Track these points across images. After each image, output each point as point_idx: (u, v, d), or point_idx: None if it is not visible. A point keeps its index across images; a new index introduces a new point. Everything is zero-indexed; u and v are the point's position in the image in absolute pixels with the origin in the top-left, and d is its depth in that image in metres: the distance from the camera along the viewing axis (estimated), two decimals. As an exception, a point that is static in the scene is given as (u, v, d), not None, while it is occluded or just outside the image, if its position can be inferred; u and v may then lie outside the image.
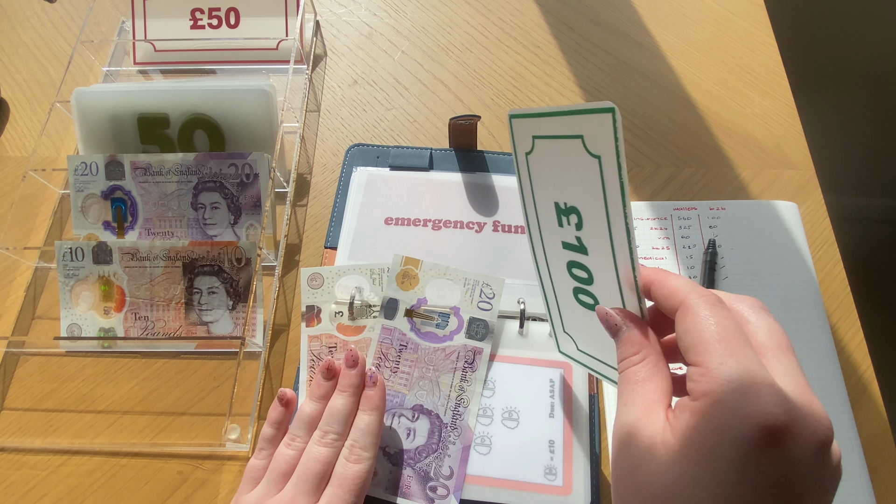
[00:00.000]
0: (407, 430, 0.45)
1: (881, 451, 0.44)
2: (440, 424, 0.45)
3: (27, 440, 0.47)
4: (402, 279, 0.49)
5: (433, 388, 0.46)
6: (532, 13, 0.68)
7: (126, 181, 0.53)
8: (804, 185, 0.56)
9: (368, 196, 0.56)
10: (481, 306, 0.48)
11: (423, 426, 0.45)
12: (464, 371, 0.47)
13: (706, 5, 0.68)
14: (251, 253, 0.50)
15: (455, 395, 0.46)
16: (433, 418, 0.45)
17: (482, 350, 0.47)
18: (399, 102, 0.63)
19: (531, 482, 0.43)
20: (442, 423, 0.45)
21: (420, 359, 0.47)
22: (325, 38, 0.68)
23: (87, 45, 0.64)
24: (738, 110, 0.60)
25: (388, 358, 0.47)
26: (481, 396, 0.46)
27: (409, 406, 0.46)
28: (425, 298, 0.49)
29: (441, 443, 0.44)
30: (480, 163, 0.57)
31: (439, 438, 0.44)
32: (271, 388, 0.49)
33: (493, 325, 0.48)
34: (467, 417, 0.45)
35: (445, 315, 0.48)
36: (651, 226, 0.54)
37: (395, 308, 0.49)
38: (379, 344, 0.48)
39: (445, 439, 0.44)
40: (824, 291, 0.50)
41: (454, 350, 0.47)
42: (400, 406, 0.46)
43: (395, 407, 0.46)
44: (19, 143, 0.62)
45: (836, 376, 0.46)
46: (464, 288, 0.49)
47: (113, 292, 0.51)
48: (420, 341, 0.48)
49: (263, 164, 0.52)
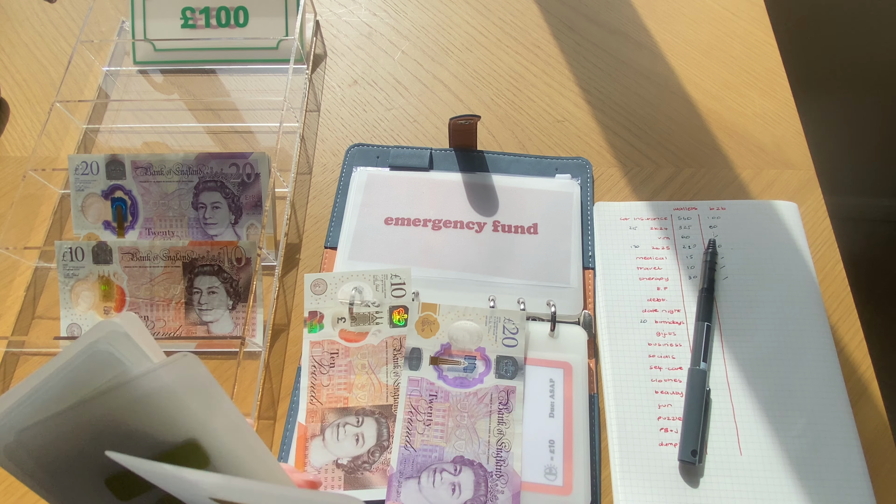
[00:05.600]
0: (451, 485, 0.42)
1: (881, 451, 0.44)
2: (485, 474, 0.43)
3: (27, 440, 0.47)
4: (421, 326, 0.48)
5: (471, 436, 0.44)
6: (532, 13, 0.68)
7: (127, 180, 0.53)
8: (804, 185, 0.56)
9: (368, 196, 0.56)
10: (506, 343, 0.47)
11: (467, 479, 0.42)
12: (500, 413, 0.45)
13: (706, 5, 0.68)
14: (251, 253, 0.50)
15: (495, 440, 0.44)
16: (476, 468, 0.43)
17: (515, 389, 0.45)
18: (399, 102, 0.63)
19: (531, 482, 0.43)
20: (486, 473, 0.43)
21: (453, 407, 0.45)
22: (325, 38, 0.68)
23: (87, 45, 0.64)
24: (738, 110, 0.60)
25: (419, 410, 0.45)
26: (522, 437, 0.44)
27: (449, 459, 0.43)
28: (449, 344, 0.47)
29: (489, 493, 0.42)
30: (480, 163, 0.57)
31: (486, 490, 0.42)
32: (271, 387, 0.49)
33: (522, 361, 0.46)
34: (511, 462, 0.43)
35: (472, 358, 0.47)
36: (651, 226, 0.54)
37: (419, 358, 0.47)
38: (408, 397, 0.46)
39: (493, 489, 0.42)
40: (824, 291, 0.50)
41: (486, 392, 0.45)
42: (440, 460, 0.43)
43: (435, 462, 0.43)
44: (19, 143, 0.62)
45: (836, 376, 0.46)
46: (486, 326, 0.47)
47: (113, 292, 0.51)
48: (450, 388, 0.46)
49: (264, 163, 0.52)
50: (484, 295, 0.50)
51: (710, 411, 0.46)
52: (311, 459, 0.45)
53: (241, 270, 0.50)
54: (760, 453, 0.44)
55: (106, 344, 0.26)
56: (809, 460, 0.43)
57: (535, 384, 0.46)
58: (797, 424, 0.44)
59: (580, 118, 0.61)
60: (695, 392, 0.45)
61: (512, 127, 0.61)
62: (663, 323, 0.49)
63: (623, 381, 0.47)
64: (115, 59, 0.67)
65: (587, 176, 0.56)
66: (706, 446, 0.44)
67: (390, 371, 0.47)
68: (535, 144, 0.59)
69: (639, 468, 0.44)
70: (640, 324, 0.49)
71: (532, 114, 0.61)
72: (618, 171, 0.58)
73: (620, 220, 0.54)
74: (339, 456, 0.45)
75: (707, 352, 0.47)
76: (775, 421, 0.45)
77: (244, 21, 0.64)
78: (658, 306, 0.50)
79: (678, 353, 0.48)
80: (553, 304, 0.49)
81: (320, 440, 0.45)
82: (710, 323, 0.48)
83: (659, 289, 0.51)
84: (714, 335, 0.48)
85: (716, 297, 0.50)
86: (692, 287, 0.51)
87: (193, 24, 0.64)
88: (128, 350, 0.27)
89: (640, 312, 0.50)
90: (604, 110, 0.61)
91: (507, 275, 0.51)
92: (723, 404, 0.46)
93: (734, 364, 0.47)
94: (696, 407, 0.45)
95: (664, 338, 0.49)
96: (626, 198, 0.56)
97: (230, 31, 0.64)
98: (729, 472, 0.43)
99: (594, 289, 0.51)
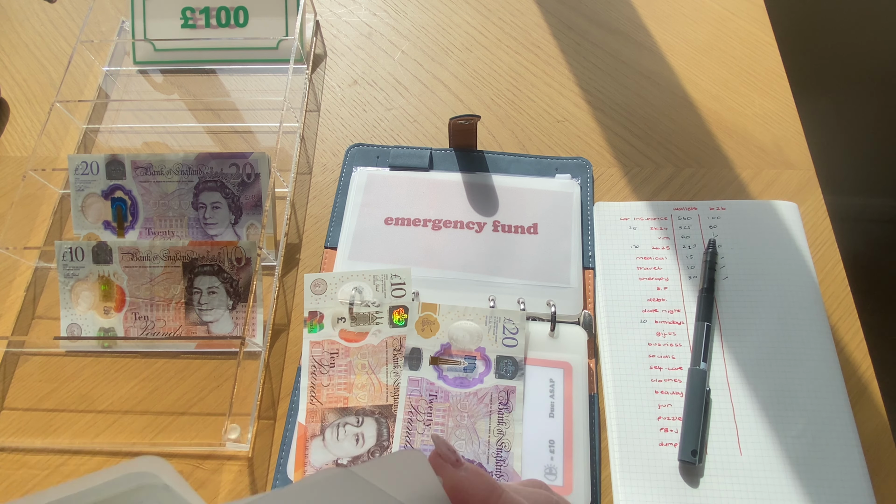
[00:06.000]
0: None
1: (881, 451, 0.44)
2: None
3: (27, 440, 0.47)
4: (421, 326, 0.48)
5: (471, 436, 0.44)
6: (532, 13, 0.68)
7: (127, 180, 0.53)
8: (804, 185, 0.56)
9: (368, 196, 0.56)
10: (506, 343, 0.47)
11: None
12: (500, 413, 0.45)
13: (706, 5, 0.68)
14: (251, 253, 0.50)
15: (495, 440, 0.44)
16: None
17: (515, 388, 0.46)
18: (399, 102, 0.63)
19: (531, 482, 0.43)
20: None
21: (453, 407, 0.45)
22: (325, 38, 0.68)
23: (87, 45, 0.64)
24: (738, 110, 0.60)
25: (419, 410, 0.45)
26: (522, 437, 0.44)
27: None
28: (449, 344, 0.47)
29: None
30: (480, 163, 0.57)
31: None
32: (271, 387, 0.49)
33: (522, 361, 0.47)
34: (511, 462, 0.43)
35: (472, 358, 0.47)
36: (651, 226, 0.54)
37: (419, 358, 0.47)
38: (408, 397, 0.46)
39: None
40: (824, 291, 0.50)
41: (486, 392, 0.46)
42: None
43: None
44: (19, 143, 0.62)
45: (836, 376, 0.46)
46: (486, 326, 0.47)
47: (113, 292, 0.51)
48: (450, 388, 0.46)
49: (264, 163, 0.52)
50: (484, 295, 0.50)
51: (710, 411, 0.46)
52: (311, 459, 0.45)
53: (241, 270, 0.50)
54: (760, 453, 0.44)
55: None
56: (809, 460, 0.43)
57: (535, 384, 0.46)
58: (797, 424, 0.44)
59: (580, 118, 0.61)
60: (695, 392, 0.45)
61: (512, 127, 0.61)
62: (663, 323, 0.49)
63: (623, 381, 0.47)
64: (115, 59, 0.67)
65: (587, 176, 0.56)
66: (706, 446, 0.44)
67: (390, 371, 0.47)
68: (535, 144, 0.59)
69: (639, 468, 0.44)
70: (640, 324, 0.49)
71: (532, 114, 0.61)
72: (618, 171, 0.58)
73: (620, 220, 0.54)
74: (339, 456, 0.45)
75: (707, 352, 0.47)
76: (775, 421, 0.45)
77: (244, 21, 0.64)
78: (658, 306, 0.50)
79: (678, 353, 0.48)
80: (553, 304, 0.49)
81: (320, 440, 0.45)
82: (710, 323, 0.48)
83: (659, 289, 0.51)
84: (714, 335, 0.48)
85: (716, 297, 0.50)
86: (692, 287, 0.51)
87: (193, 24, 0.64)
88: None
89: (640, 312, 0.50)
90: (604, 110, 0.61)
91: (507, 275, 0.51)
92: (723, 404, 0.46)
93: (734, 364, 0.47)
94: (696, 407, 0.45)
95: (664, 338, 0.49)
96: (626, 198, 0.56)
97: (230, 31, 0.64)
98: (729, 472, 0.43)
99: (594, 289, 0.51)
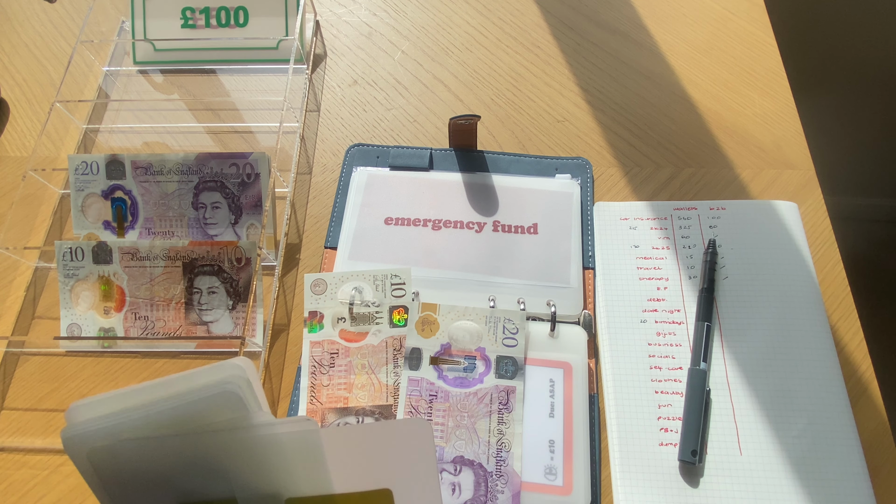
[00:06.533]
0: (451, 485, 0.42)
1: (881, 451, 0.44)
2: (485, 474, 0.43)
3: (27, 440, 0.47)
4: (421, 326, 0.48)
5: (471, 436, 0.44)
6: (532, 13, 0.68)
7: (127, 180, 0.53)
8: (804, 185, 0.56)
9: (368, 196, 0.56)
10: (506, 343, 0.47)
11: (467, 479, 0.43)
12: (500, 413, 0.45)
13: (706, 5, 0.68)
14: (251, 253, 0.50)
15: (495, 440, 0.44)
16: (476, 468, 0.43)
17: (515, 389, 0.46)
18: (399, 102, 0.63)
19: (531, 482, 0.43)
20: (486, 473, 0.43)
21: (453, 407, 0.45)
22: (325, 38, 0.68)
23: (87, 45, 0.64)
24: (738, 110, 0.60)
25: (418, 410, 0.45)
26: (522, 437, 0.44)
27: (449, 459, 0.43)
28: (448, 344, 0.47)
29: (489, 493, 0.42)
30: (480, 163, 0.57)
31: (486, 490, 0.42)
32: (271, 387, 0.49)
33: (522, 361, 0.47)
34: (511, 462, 0.43)
35: (472, 358, 0.47)
36: (651, 226, 0.54)
37: (419, 358, 0.47)
38: (408, 397, 0.46)
39: (493, 489, 0.42)
40: (824, 291, 0.50)
41: (486, 392, 0.46)
42: (440, 460, 0.43)
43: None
44: (19, 143, 0.62)
45: (836, 376, 0.46)
46: (486, 326, 0.47)
47: (113, 292, 0.51)
48: (450, 388, 0.46)
49: (264, 163, 0.52)
50: (484, 295, 0.50)
51: (710, 411, 0.46)
52: (311, 459, 0.45)
53: (241, 270, 0.50)
54: (760, 453, 0.44)
55: (235, 387, 0.26)
56: (809, 460, 0.43)
57: (535, 384, 0.46)
58: (797, 424, 0.44)
59: (580, 118, 0.61)
60: (695, 392, 0.45)
61: (512, 127, 0.61)
62: (663, 323, 0.49)
63: (623, 381, 0.47)
64: (115, 59, 0.67)
65: (587, 176, 0.56)
66: (706, 446, 0.44)
67: (390, 371, 0.47)
68: (535, 144, 0.59)
69: (639, 468, 0.44)
70: (640, 324, 0.49)
71: (532, 114, 0.61)
72: (618, 171, 0.58)
73: (620, 220, 0.54)
74: (339, 456, 0.45)
75: (707, 352, 0.47)
76: (775, 421, 0.45)
77: (244, 21, 0.64)
78: (658, 306, 0.50)
79: (678, 353, 0.48)
80: (553, 304, 0.49)
81: (320, 440, 0.45)
82: (710, 323, 0.48)
83: (659, 289, 0.51)
84: (714, 335, 0.48)
85: (716, 297, 0.50)
86: (692, 287, 0.51)
87: (193, 24, 0.64)
88: (251, 397, 0.27)
89: (640, 312, 0.50)
90: (604, 110, 0.61)
91: (506, 275, 0.51)
92: (723, 404, 0.46)
93: (734, 364, 0.47)
94: (696, 407, 0.45)
95: (664, 338, 0.49)
96: (626, 198, 0.56)
97: (230, 31, 0.64)
98: (729, 472, 0.43)
99: (594, 289, 0.51)
